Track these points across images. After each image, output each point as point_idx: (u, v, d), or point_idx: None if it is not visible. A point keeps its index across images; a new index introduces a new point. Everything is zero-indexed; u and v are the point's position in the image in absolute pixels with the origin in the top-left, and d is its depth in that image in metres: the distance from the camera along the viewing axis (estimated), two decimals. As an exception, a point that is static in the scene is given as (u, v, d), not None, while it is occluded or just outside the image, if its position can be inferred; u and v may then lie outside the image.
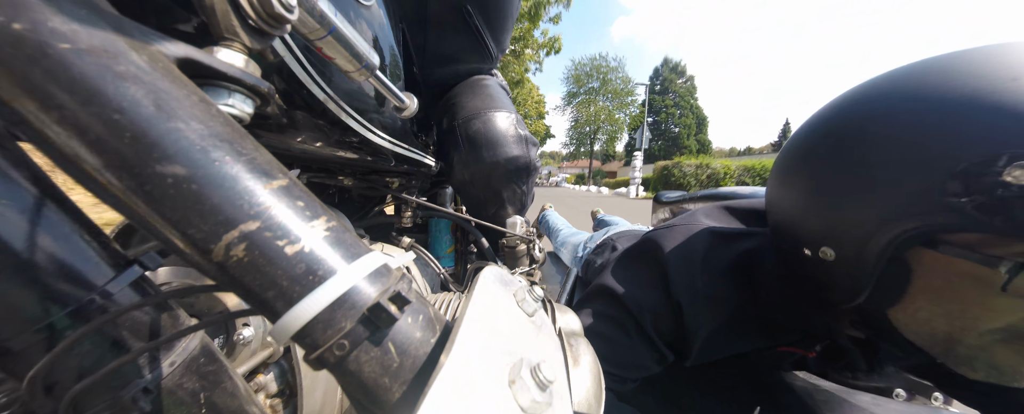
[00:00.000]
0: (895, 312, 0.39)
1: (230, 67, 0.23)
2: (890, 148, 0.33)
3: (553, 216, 2.13)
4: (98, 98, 0.16)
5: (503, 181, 0.87)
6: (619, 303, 0.57)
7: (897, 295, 0.38)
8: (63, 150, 0.16)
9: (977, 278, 0.32)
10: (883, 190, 0.34)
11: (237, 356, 0.38)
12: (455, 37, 0.85)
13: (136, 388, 0.20)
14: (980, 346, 0.35)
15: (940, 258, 0.34)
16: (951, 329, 0.35)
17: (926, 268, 0.35)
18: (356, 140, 0.49)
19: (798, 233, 0.43)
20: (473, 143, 0.84)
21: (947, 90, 0.31)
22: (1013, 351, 0.34)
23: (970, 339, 0.35)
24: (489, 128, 0.84)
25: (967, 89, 0.30)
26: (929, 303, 0.36)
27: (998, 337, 0.34)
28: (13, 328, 0.18)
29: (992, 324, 0.33)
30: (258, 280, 0.17)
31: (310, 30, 0.29)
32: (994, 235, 0.30)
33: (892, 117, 0.34)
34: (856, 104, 0.38)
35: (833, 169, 0.38)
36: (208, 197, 0.17)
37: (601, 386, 0.28)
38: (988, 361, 0.35)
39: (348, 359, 0.17)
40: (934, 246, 0.33)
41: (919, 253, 0.35)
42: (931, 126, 0.31)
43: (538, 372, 0.19)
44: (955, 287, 0.34)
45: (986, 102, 0.29)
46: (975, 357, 0.35)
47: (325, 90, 0.39)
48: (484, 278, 0.25)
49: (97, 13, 0.17)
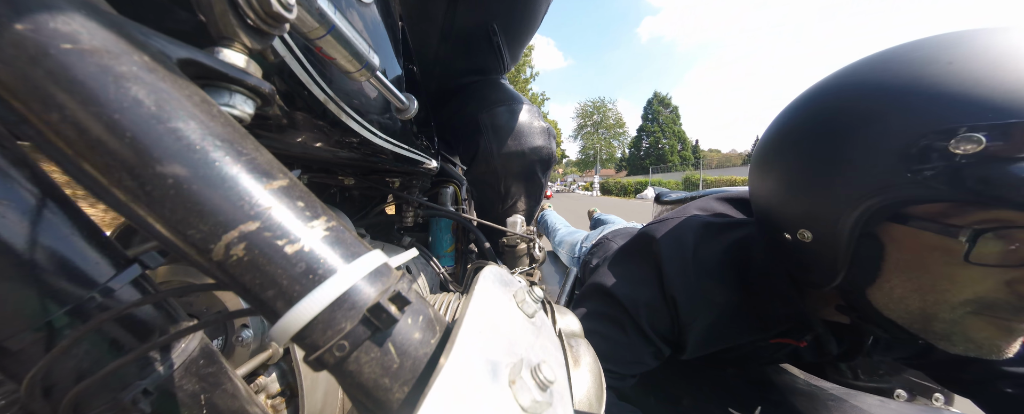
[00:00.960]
0: (873, 291, 0.40)
1: (231, 67, 0.23)
2: (851, 132, 0.36)
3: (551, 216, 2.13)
4: (99, 98, 0.16)
5: (526, 172, 0.87)
6: (614, 300, 0.57)
7: (873, 273, 0.39)
8: (64, 150, 0.16)
9: (943, 250, 0.34)
10: (848, 170, 0.36)
11: (237, 357, 0.38)
12: (476, 52, 0.86)
13: (136, 389, 0.20)
14: (954, 319, 0.36)
15: (908, 232, 0.36)
16: (924, 304, 0.37)
17: (896, 243, 0.37)
18: (356, 141, 0.49)
19: (777, 218, 0.45)
20: (499, 132, 0.84)
21: (897, 77, 0.34)
22: (986, 322, 0.35)
23: (944, 313, 0.36)
24: (516, 118, 0.85)
25: (913, 75, 0.33)
26: (902, 279, 0.37)
27: (969, 309, 0.35)
28: (12, 327, 0.18)
29: (961, 295, 0.34)
30: (258, 280, 0.17)
31: (309, 29, 0.29)
32: (952, 205, 0.33)
33: (851, 103, 0.37)
34: (819, 95, 0.41)
35: (804, 155, 0.40)
36: (208, 197, 0.16)
37: (602, 386, 0.28)
38: (964, 334, 0.36)
39: (348, 360, 0.17)
40: (902, 221, 0.35)
41: (889, 229, 0.37)
42: (884, 109, 0.34)
43: (538, 372, 0.19)
44: (924, 260, 0.35)
45: (929, 84, 0.32)
46: (951, 331, 0.37)
47: (326, 91, 0.39)
48: (484, 278, 0.25)
49: (97, 13, 0.17)
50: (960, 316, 0.35)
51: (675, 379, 0.71)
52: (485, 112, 0.85)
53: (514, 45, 0.90)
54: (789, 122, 0.43)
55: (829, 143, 0.38)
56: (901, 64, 0.35)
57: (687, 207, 0.67)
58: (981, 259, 0.32)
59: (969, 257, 0.32)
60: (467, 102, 0.90)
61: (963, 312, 0.35)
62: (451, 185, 1.09)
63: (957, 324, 0.36)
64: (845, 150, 0.36)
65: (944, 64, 0.32)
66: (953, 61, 0.31)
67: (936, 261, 0.34)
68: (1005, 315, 0.34)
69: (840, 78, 0.40)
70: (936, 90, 0.31)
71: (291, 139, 0.45)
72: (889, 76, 0.35)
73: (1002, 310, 0.33)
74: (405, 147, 0.64)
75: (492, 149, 0.84)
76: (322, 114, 0.40)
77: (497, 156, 0.85)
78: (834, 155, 0.37)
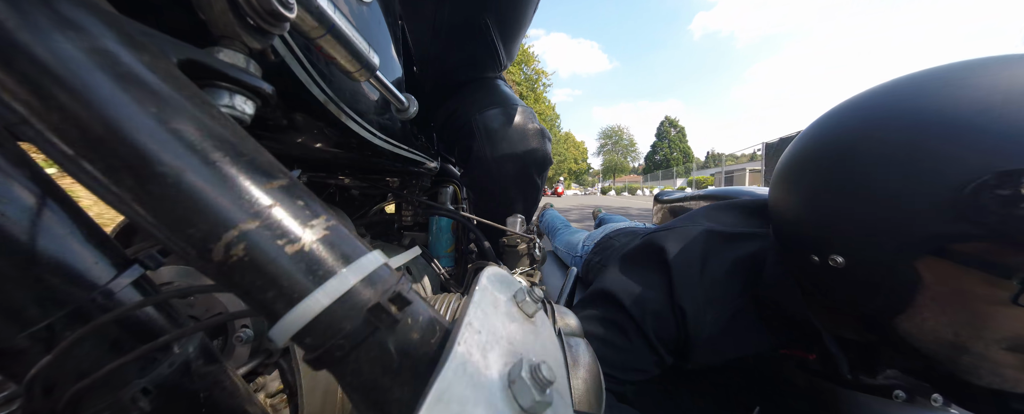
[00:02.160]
0: (901, 320, 0.38)
1: (231, 67, 0.23)
2: (901, 160, 0.34)
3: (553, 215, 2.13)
4: (99, 99, 0.16)
5: (521, 175, 0.86)
6: (620, 307, 0.56)
7: (905, 303, 0.37)
8: (64, 150, 0.16)
9: (987, 288, 0.32)
10: (896, 202, 0.34)
11: (237, 356, 0.38)
12: (470, 47, 0.84)
13: (135, 388, 0.20)
14: (985, 355, 0.35)
15: (950, 267, 0.34)
16: (957, 338, 0.35)
17: (936, 277, 0.35)
18: (356, 141, 0.49)
19: (805, 239, 0.43)
20: (492, 136, 0.82)
21: (955, 105, 0.32)
22: (1017, 360, 0.34)
23: (977, 348, 0.35)
24: (509, 121, 0.83)
25: (971, 107, 0.31)
26: (937, 312, 0.36)
27: (1004, 346, 0.34)
28: (12, 328, 0.18)
29: (1000, 333, 0.33)
30: (258, 280, 0.17)
31: (309, 28, 0.29)
32: (996, 243, 0.31)
33: (902, 130, 0.34)
34: (863, 113, 0.39)
35: (843, 179, 0.38)
36: (208, 196, 0.17)
37: (601, 386, 0.28)
38: (992, 370, 0.35)
39: (348, 360, 0.17)
40: (944, 255, 0.33)
41: (929, 262, 0.35)
42: (942, 139, 0.32)
43: (538, 372, 0.19)
44: (965, 297, 0.34)
45: (990, 120, 0.30)
46: (979, 366, 0.36)
47: (325, 91, 0.39)
48: (484, 278, 0.25)
49: (98, 13, 0.17)
50: (993, 352, 0.34)
51: (675, 379, 0.72)
52: (478, 115, 0.84)
53: (508, 40, 0.89)
54: (826, 138, 0.41)
55: (876, 170, 0.36)
56: (964, 89, 0.33)
57: (695, 214, 0.66)
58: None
59: (1019, 300, 0.31)
60: (460, 104, 0.89)
61: (997, 349, 0.34)
62: (451, 184, 1.09)
63: (987, 359, 0.35)
64: (897, 180, 0.34)
65: (999, 99, 0.30)
66: (1008, 99, 0.30)
67: (978, 299, 0.33)
68: None
69: (891, 95, 0.38)
70: (996, 127, 0.30)
71: (291, 139, 0.45)
72: (952, 103, 0.33)
73: None
74: (405, 147, 0.64)
75: (486, 152, 0.83)
76: (322, 114, 0.40)
77: (491, 159, 0.84)
78: (883, 184, 0.35)
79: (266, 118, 0.37)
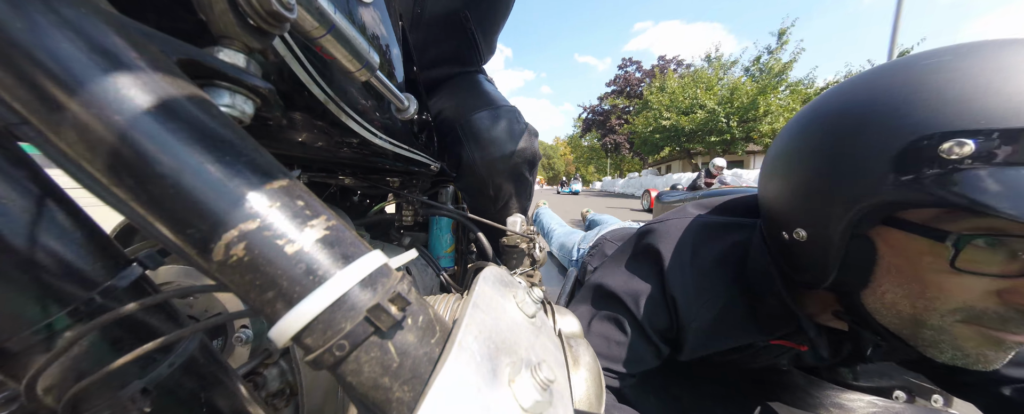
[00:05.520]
0: (867, 295, 0.41)
1: (231, 67, 0.23)
2: (849, 134, 0.37)
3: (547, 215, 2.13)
4: (99, 99, 0.16)
5: (513, 175, 0.86)
6: (614, 299, 0.57)
7: (866, 276, 0.40)
8: (64, 150, 0.16)
9: (932, 255, 0.34)
10: (844, 172, 0.37)
11: (237, 356, 0.38)
12: (449, 41, 0.84)
13: (135, 388, 0.20)
14: (942, 327, 0.36)
15: (899, 236, 0.36)
16: (915, 310, 0.37)
17: (888, 247, 0.37)
18: (356, 141, 0.49)
19: (778, 218, 0.46)
20: (479, 141, 0.82)
21: (896, 83, 0.35)
22: (974, 332, 0.35)
23: (933, 320, 0.36)
24: (493, 124, 0.83)
25: (912, 81, 0.34)
26: (894, 284, 0.38)
27: (958, 318, 0.35)
28: (12, 328, 0.18)
29: (949, 304, 0.35)
30: (258, 280, 0.17)
31: (310, 28, 0.29)
32: (945, 212, 0.33)
33: (851, 107, 0.38)
34: (825, 101, 0.43)
35: (805, 159, 0.42)
36: (208, 197, 0.16)
37: (601, 386, 0.28)
38: (952, 343, 0.36)
39: (348, 360, 0.17)
40: (895, 225, 0.36)
41: (882, 232, 0.37)
42: (881, 111, 0.35)
43: (538, 372, 0.19)
44: (914, 265, 0.36)
45: (927, 90, 0.33)
46: (939, 339, 0.37)
47: (326, 91, 0.39)
48: (484, 279, 0.25)
49: (97, 13, 0.17)
50: (949, 324, 0.35)
51: (675, 379, 0.72)
52: (463, 120, 0.84)
53: (488, 32, 0.88)
54: (796, 128, 0.45)
55: (828, 144, 0.39)
56: (902, 71, 0.36)
57: (685, 207, 0.67)
58: (968, 266, 0.32)
59: (955, 263, 0.32)
60: (446, 107, 0.88)
61: (952, 320, 0.35)
62: (451, 184, 1.09)
63: (945, 332, 0.36)
64: (842, 151, 0.37)
65: (949, 71, 0.32)
66: (956, 69, 0.32)
67: (925, 267, 0.35)
68: (993, 325, 0.33)
69: (848, 84, 0.41)
70: (932, 95, 0.32)
71: (291, 139, 0.45)
72: (889, 82, 0.36)
73: (990, 320, 0.33)
74: (405, 147, 0.64)
75: (475, 158, 0.83)
76: (322, 114, 0.40)
77: (481, 164, 0.84)
78: (831, 155, 0.38)
79: (266, 118, 0.37)
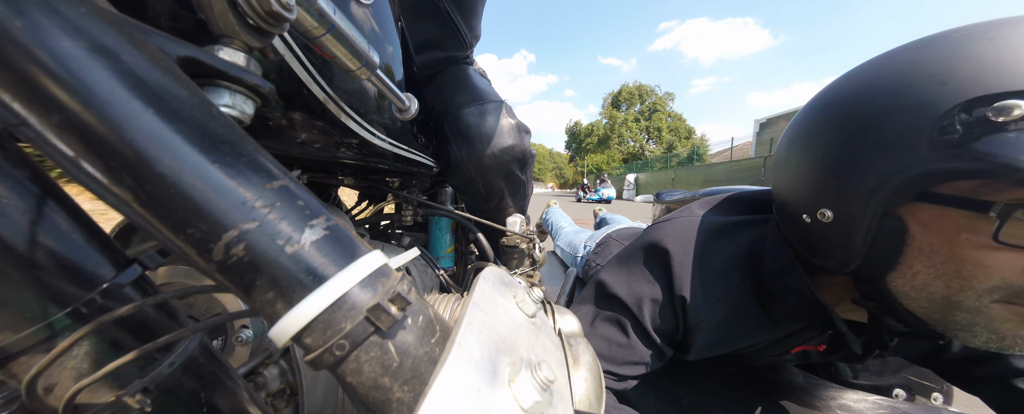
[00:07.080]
0: (894, 278, 0.39)
1: (231, 66, 0.23)
2: (884, 106, 0.35)
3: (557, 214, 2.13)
4: (99, 98, 0.15)
5: (503, 173, 0.84)
6: (617, 301, 0.57)
7: (894, 257, 0.38)
8: (63, 150, 0.16)
9: (971, 230, 0.32)
10: (879, 143, 0.35)
11: (237, 356, 0.38)
12: (426, 23, 0.81)
13: (136, 388, 0.20)
14: (977, 309, 0.34)
15: (934, 212, 0.34)
16: (948, 291, 0.35)
17: (921, 224, 0.35)
18: (356, 142, 0.49)
19: (798, 200, 0.44)
20: (466, 138, 0.80)
21: (935, 51, 0.34)
22: (1011, 313, 0.33)
23: (968, 301, 0.34)
24: (481, 120, 0.81)
25: (951, 47, 0.32)
26: (926, 264, 0.36)
27: (996, 297, 0.33)
28: (12, 328, 0.18)
29: (988, 282, 0.33)
30: (258, 280, 0.17)
31: (309, 28, 0.29)
32: (984, 183, 0.31)
33: (888, 78, 0.36)
34: (848, 81, 0.41)
35: (833, 134, 0.39)
36: (208, 197, 0.16)
37: (601, 386, 0.28)
38: (987, 325, 0.35)
39: (348, 360, 0.17)
40: (929, 200, 0.34)
41: (914, 209, 0.35)
42: (920, 79, 0.33)
43: (538, 372, 0.19)
44: (950, 242, 0.34)
45: (969, 55, 0.31)
46: (974, 322, 0.35)
47: (326, 90, 0.39)
48: (484, 279, 0.25)
49: (97, 12, 0.17)
50: (984, 305, 0.34)
51: (675, 378, 0.72)
52: (450, 117, 0.82)
53: (466, 12, 0.84)
54: (818, 105, 0.43)
55: (859, 117, 0.36)
56: (933, 45, 0.34)
57: (692, 206, 0.66)
58: (1012, 239, 0.30)
59: (998, 236, 0.30)
60: (434, 102, 0.86)
61: (988, 301, 0.33)
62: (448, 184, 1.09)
63: (980, 314, 0.34)
64: (876, 122, 0.35)
65: (985, 40, 0.31)
66: (995, 37, 0.30)
67: (963, 243, 0.33)
68: None
69: (874, 60, 0.39)
70: (974, 61, 0.30)
71: (291, 139, 0.45)
72: (922, 56, 0.34)
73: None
74: (405, 147, 0.64)
75: (462, 156, 0.81)
76: (322, 114, 0.40)
77: (469, 162, 0.82)
78: (864, 127, 0.36)
79: (266, 118, 0.37)
